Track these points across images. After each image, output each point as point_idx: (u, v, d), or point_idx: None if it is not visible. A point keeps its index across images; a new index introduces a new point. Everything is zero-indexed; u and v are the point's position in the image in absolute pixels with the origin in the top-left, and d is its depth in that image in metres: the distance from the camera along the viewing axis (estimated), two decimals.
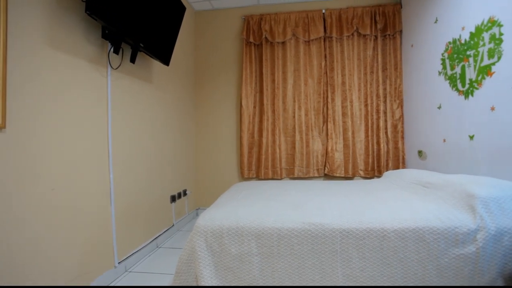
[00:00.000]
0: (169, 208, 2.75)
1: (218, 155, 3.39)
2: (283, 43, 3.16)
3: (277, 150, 3.14)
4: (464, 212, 1.38)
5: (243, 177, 3.26)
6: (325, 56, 3.13)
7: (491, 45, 1.75)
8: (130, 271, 2.00)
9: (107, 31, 1.75)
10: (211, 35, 3.40)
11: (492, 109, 1.76)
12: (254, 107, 3.25)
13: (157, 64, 2.52)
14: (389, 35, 3.02)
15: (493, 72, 1.75)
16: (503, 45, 1.67)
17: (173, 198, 2.80)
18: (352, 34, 3.07)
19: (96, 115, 1.76)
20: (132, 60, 2.03)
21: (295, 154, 3.14)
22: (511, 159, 1.62)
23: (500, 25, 1.68)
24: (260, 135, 3.19)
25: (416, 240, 1.31)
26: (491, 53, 1.76)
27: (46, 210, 1.40)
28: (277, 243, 1.39)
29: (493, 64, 1.74)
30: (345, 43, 3.06)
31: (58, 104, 1.48)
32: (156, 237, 2.46)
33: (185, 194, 3.08)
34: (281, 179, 3.13)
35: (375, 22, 3.02)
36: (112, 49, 1.84)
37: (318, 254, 1.36)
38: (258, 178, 3.21)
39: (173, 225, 2.80)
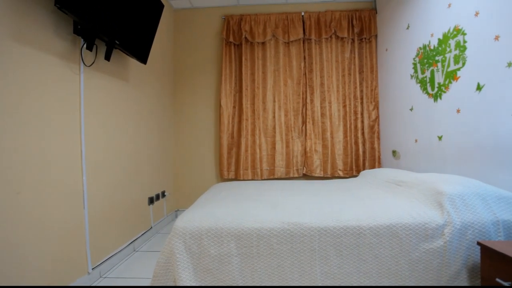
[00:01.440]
0: (147, 210, 2.67)
1: (197, 156, 3.35)
2: (263, 43, 3.18)
3: (257, 151, 3.15)
4: (433, 209, 1.46)
5: (223, 178, 3.24)
6: (304, 58, 3.18)
7: (457, 52, 1.87)
8: (105, 277, 1.92)
9: (79, 26, 1.67)
10: (191, 34, 3.34)
11: (458, 111, 1.88)
12: (234, 107, 3.24)
13: (134, 62, 2.44)
14: (365, 38, 3.13)
15: (459, 77, 1.87)
16: (467, 52, 1.78)
17: (151, 200, 2.73)
18: (330, 37, 3.15)
19: (67, 114, 1.68)
20: (107, 57, 1.95)
21: (275, 154, 3.16)
22: (474, 158, 1.74)
23: (464, 34, 1.80)
24: (240, 136, 3.18)
25: (390, 237, 1.37)
26: (456, 59, 1.88)
27: (10, 215, 1.31)
28: (256, 243, 1.39)
29: (459, 69, 1.86)
30: (323, 45, 3.14)
31: (25, 102, 1.39)
32: (133, 241, 2.38)
33: (163, 195, 3.01)
34: (261, 179, 3.14)
35: (352, 26, 3.12)
36: (85, 46, 1.76)
37: (297, 253, 1.38)
38: (237, 179, 3.20)
39: (151, 227, 2.73)
